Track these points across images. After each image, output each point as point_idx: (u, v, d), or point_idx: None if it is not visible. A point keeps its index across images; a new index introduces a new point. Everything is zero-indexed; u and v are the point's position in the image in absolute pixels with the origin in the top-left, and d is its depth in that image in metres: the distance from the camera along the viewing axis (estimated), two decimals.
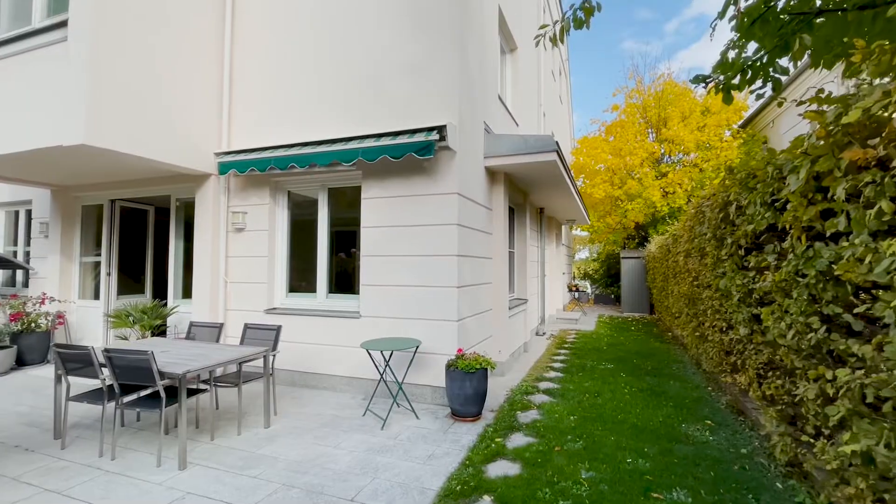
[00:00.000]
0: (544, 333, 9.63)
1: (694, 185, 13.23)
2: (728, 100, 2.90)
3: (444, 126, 4.69)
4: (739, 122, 14.08)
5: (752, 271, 3.34)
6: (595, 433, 4.06)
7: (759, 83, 2.91)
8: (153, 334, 6.57)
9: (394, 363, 4.90)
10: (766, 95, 3.04)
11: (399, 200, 5.13)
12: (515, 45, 8.17)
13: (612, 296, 18.09)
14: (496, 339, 6.21)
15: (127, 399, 3.56)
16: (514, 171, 6.23)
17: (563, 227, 15.52)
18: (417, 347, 4.52)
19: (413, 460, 3.57)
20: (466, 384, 4.32)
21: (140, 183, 6.55)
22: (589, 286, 21.69)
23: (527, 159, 5.71)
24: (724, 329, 4.20)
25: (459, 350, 4.57)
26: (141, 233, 7.87)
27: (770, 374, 3.08)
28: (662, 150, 14.81)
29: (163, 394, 3.45)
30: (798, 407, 2.70)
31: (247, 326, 4.88)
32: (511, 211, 7.82)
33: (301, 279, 6.03)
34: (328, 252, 5.76)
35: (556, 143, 5.58)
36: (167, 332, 6.40)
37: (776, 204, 2.59)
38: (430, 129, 4.73)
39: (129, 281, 7.79)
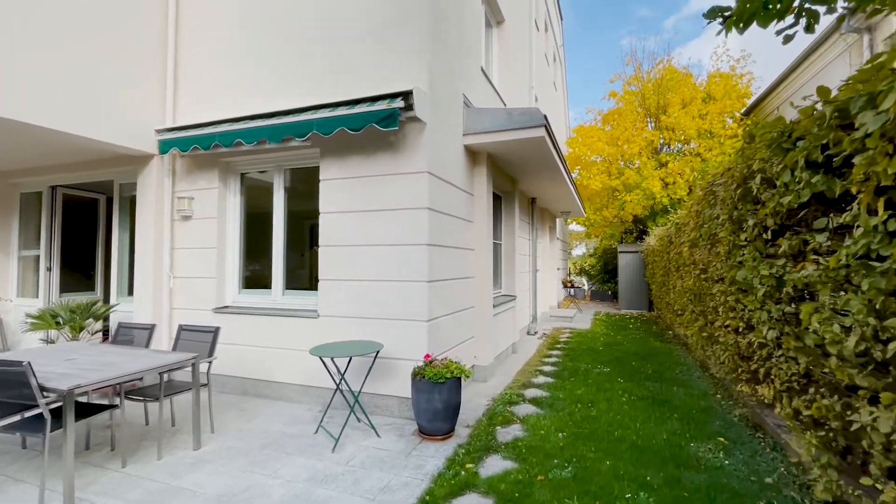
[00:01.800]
0: (536, 332, 8.96)
1: (696, 174, 12.55)
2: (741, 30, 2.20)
3: (410, 92, 3.98)
4: (742, 110, 13.44)
5: (781, 258, 2.65)
6: (587, 456, 3.38)
7: (790, 19, 2.22)
8: (104, 338, 5.87)
9: (354, 371, 4.20)
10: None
11: (361, 182, 4.42)
12: (503, 18, 7.45)
13: (610, 292, 17.43)
14: (479, 341, 5.52)
15: (1, 423, 2.85)
16: (498, 150, 5.53)
17: (557, 220, 14.83)
18: (378, 353, 3.82)
19: (361, 495, 2.87)
20: (435, 397, 3.63)
21: (79, 166, 5.82)
22: (586, 282, 21.04)
23: (511, 136, 5.00)
24: (741, 330, 3.51)
25: (427, 356, 3.88)
26: (91, 224, 7.13)
27: (811, 389, 2.39)
28: (662, 140, 14.12)
29: (47, 415, 2.75)
30: (855, 437, 2.01)
31: (181, 329, 4.17)
32: (498, 199, 7.12)
33: (256, 274, 5.32)
34: (284, 243, 5.05)
35: (545, 117, 4.88)
36: (109, 335, 5.69)
37: (833, 161, 1.89)
38: (394, 96, 4.01)
39: (79, 278, 7.07)
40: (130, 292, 5.80)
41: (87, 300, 5.15)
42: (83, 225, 7.04)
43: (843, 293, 1.91)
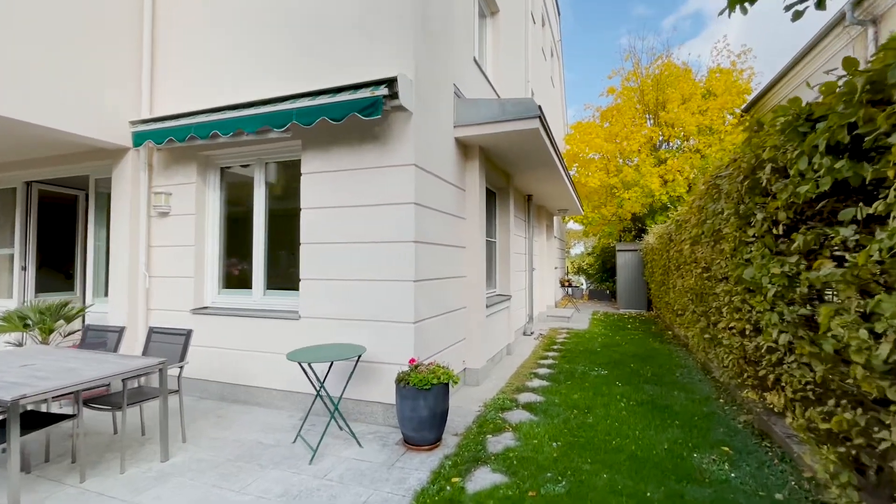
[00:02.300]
0: (532, 333, 8.73)
1: (695, 171, 12.33)
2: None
3: (395, 79, 3.73)
4: (743, 106, 13.22)
5: (794, 255, 2.42)
6: (583, 468, 3.14)
7: None
8: (82, 340, 5.61)
9: (337, 375, 3.97)
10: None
11: (345, 175, 4.18)
12: (497, 9, 7.20)
13: (608, 291, 17.21)
14: (470, 343, 5.28)
15: None
16: (490, 143, 5.28)
17: (555, 218, 14.61)
18: (360, 357, 3.58)
19: None
20: (420, 404, 3.39)
21: (52, 161, 5.56)
22: (584, 281, 20.83)
23: (504, 128, 4.76)
24: (748, 333, 3.28)
25: (412, 360, 3.64)
26: (71, 222, 6.88)
27: (829, 401, 2.16)
28: (661, 137, 13.89)
29: None
30: (884, 457, 1.78)
31: (152, 332, 3.93)
32: (492, 195, 6.89)
33: (237, 273, 5.07)
34: (265, 240, 4.80)
35: (539, 108, 4.63)
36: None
37: (864, 142, 1.65)
38: (378, 83, 3.77)
39: (59, 278, 6.83)
40: (108, 293, 5.55)
41: (59, 301, 4.89)
42: (63, 223, 6.79)
43: (881, 294, 1.67)
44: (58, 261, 6.84)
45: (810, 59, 10.12)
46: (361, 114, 3.68)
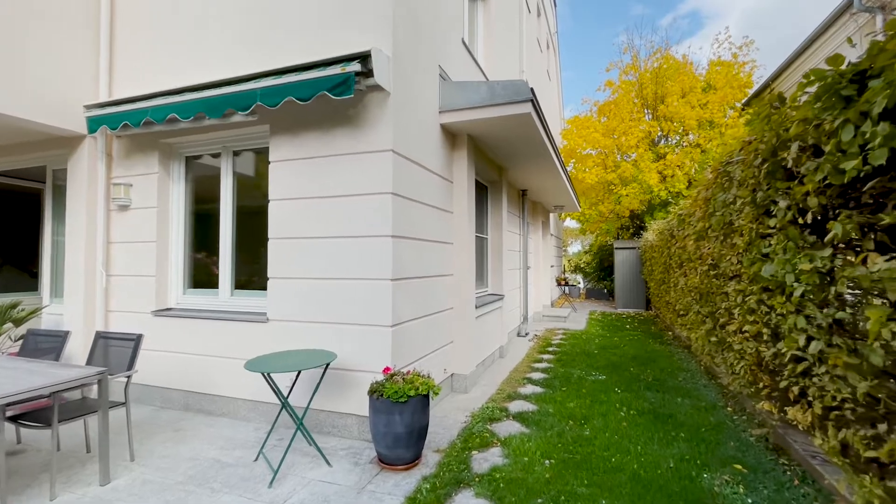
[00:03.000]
0: (527, 334, 8.35)
1: (696, 166, 11.98)
2: None
3: (369, 54, 3.34)
4: (744, 100, 12.87)
5: (827, 248, 2.04)
6: (578, 492, 2.76)
7: None
8: (22, 346, 5.19)
9: (308, 384, 3.58)
10: None
11: (316, 163, 3.78)
12: None
13: (605, 290, 16.86)
14: (458, 347, 4.90)
15: None
16: (479, 131, 4.89)
17: (551, 215, 14.24)
18: (328, 365, 3.18)
19: None
20: (395, 419, 3.00)
21: (6, 150, 5.13)
22: (581, 280, 20.48)
23: (494, 113, 4.37)
24: (765, 337, 2.90)
25: (387, 369, 3.24)
26: (35, 217, 6.45)
27: (880, 425, 1.78)
28: (661, 132, 13.52)
29: None
30: None
31: (98, 337, 3.52)
32: (483, 189, 6.50)
33: (205, 271, 4.66)
34: (232, 235, 4.40)
35: (532, 90, 4.25)
36: None
37: None
38: (349, 59, 3.37)
39: (23, 276, 6.40)
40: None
41: (9, 301, 4.49)
42: (27, 218, 6.36)
43: None
44: (22, 258, 6.42)
45: (815, 49, 9.77)
46: (332, 93, 3.28)
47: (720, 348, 4.22)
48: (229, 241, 4.39)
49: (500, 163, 6.44)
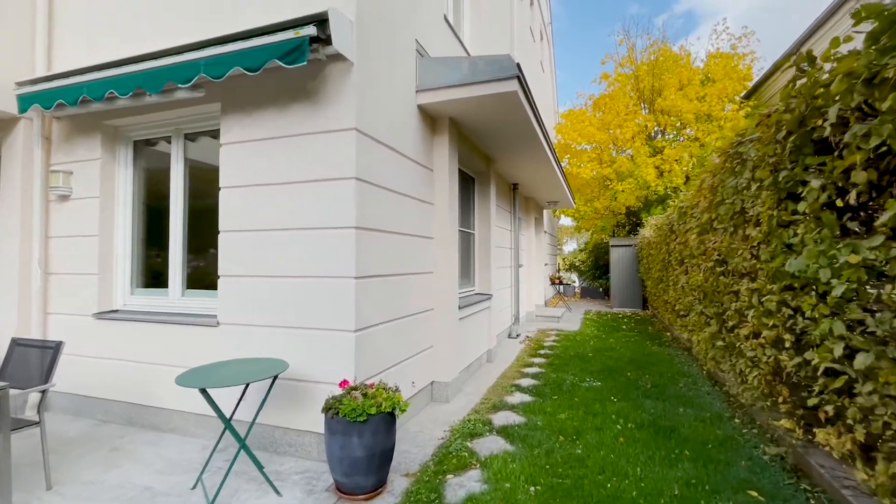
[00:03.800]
0: (518, 336, 7.91)
1: (694, 161, 11.58)
2: None
3: (325, 17, 2.87)
4: (743, 93, 12.49)
5: (877, 236, 1.61)
6: None
7: None
8: None
9: (260, 397, 3.11)
10: None
11: (271, 145, 3.32)
12: None
13: (601, 289, 16.47)
14: (438, 352, 4.45)
15: None
16: (462, 113, 4.43)
17: (545, 212, 13.82)
18: (275, 378, 2.73)
19: None
20: (353, 441, 2.55)
21: None
22: (576, 279, 20.08)
23: (476, 91, 3.92)
24: (787, 344, 2.47)
25: (344, 382, 2.78)
26: None
27: None
28: (657, 126, 13.12)
29: None
30: None
31: (14, 344, 3.05)
32: (469, 181, 6.05)
33: (156, 269, 4.19)
34: (183, 228, 3.93)
35: (518, 66, 3.80)
36: None
37: None
38: (304, 23, 2.90)
39: None
40: None
41: None
42: None
43: None
44: None
45: (819, 38, 9.38)
46: (283, 61, 2.82)
47: (728, 353, 3.79)
48: (180, 236, 3.91)
49: (487, 152, 5.99)
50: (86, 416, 3.97)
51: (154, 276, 4.15)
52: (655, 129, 13.45)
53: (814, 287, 2.07)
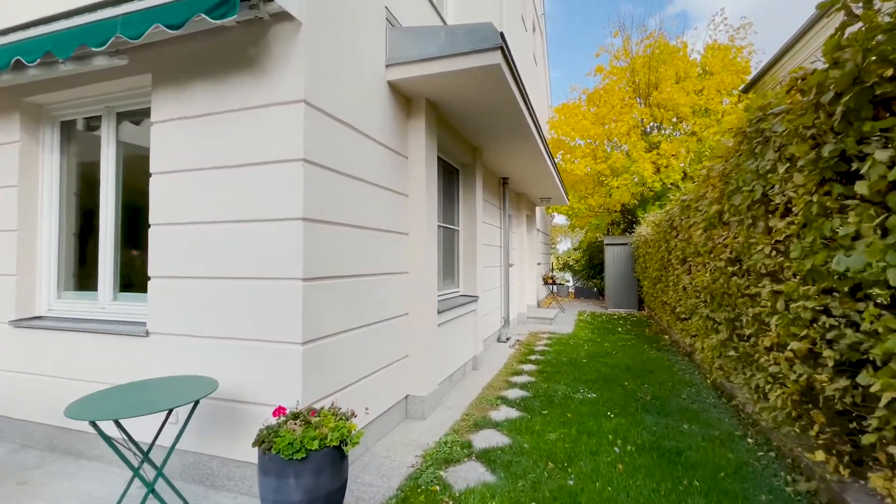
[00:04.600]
0: (508, 339, 7.43)
1: (691, 156, 11.17)
2: None
3: None
4: (741, 87, 12.10)
5: None
6: None
7: None
8: None
9: (195, 421, 2.60)
10: None
11: (207, 123, 2.80)
12: None
13: (595, 289, 16.04)
14: (413, 362, 3.95)
15: None
16: (440, 92, 3.93)
17: (538, 209, 13.36)
18: (196, 404, 2.22)
19: None
20: (290, 483, 2.04)
21: None
22: (571, 279, 19.65)
23: (454, 65, 3.42)
24: (829, 362, 1.99)
25: (280, 410, 2.26)
26: None
27: None
28: (654, 120, 12.68)
29: None
30: None
31: None
32: (453, 172, 5.56)
33: (88, 269, 3.65)
34: (115, 222, 3.40)
35: (502, 35, 3.31)
36: None
37: None
38: None
39: None
40: None
41: None
42: None
43: None
44: None
45: (822, 27, 8.99)
46: (211, 15, 2.31)
47: (741, 365, 3.32)
48: (111, 231, 3.38)
49: (472, 141, 5.49)
50: (5, 441, 3.43)
51: (86, 277, 3.61)
52: (651, 124, 13.03)
53: (872, 291, 1.59)
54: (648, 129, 13.10)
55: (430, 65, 3.48)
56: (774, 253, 2.44)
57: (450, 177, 5.44)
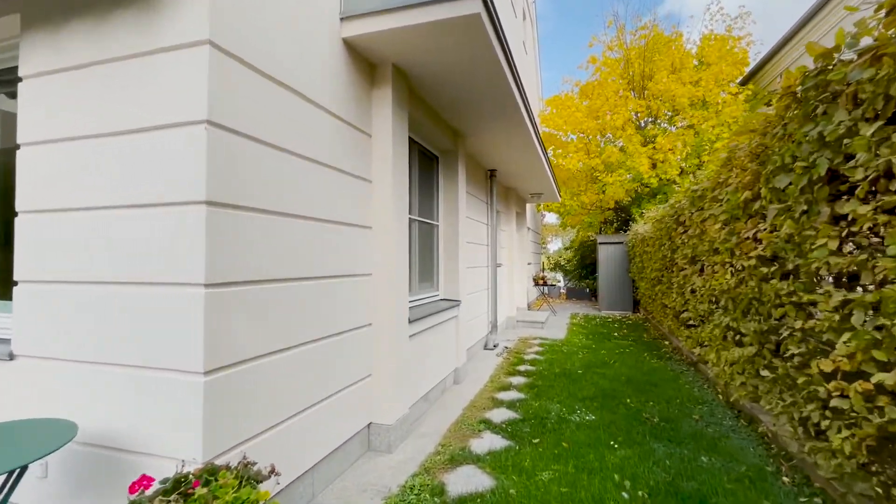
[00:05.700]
0: (496, 346, 6.78)
1: (688, 150, 10.62)
2: None
3: None
4: (740, 79, 11.61)
5: None
6: None
7: None
8: None
9: (61, 468, 1.90)
10: None
11: (89, 75, 2.10)
12: None
13: (587, 289, 15.49)
14: (377, 384, 3.27)
15: None
16: (409, 55, 3.25)
17: (528, 207, 12.74)
18: (23, 469, 1.52)
19: None
20: None
21: None
22: (562, 279, 19.10)
23: (424, 17, 2.75)
24: None
25: (144, 481, 1.56)
26: None
27: None
28: (649, 113, 12.13)
29: None
30: None
31: None
32: (432, 160, 4.89)
33: None
34: None
35: None
36: None
37: None
38: None
39: None
40: None
41: None
42: None
43: None
44: None
45: (824, 17, 8.51)
46: None
47: (778, 388, 2.69)
48: None
49: (453, 124, 4.83)
50: None
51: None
52: (646, 118, 12.49)
53: None
54: (644, 123, 12.56)
55: (396, 16, 2.80)
56: (844, 249, 1.81)
57: (428, 164, 4.77)
